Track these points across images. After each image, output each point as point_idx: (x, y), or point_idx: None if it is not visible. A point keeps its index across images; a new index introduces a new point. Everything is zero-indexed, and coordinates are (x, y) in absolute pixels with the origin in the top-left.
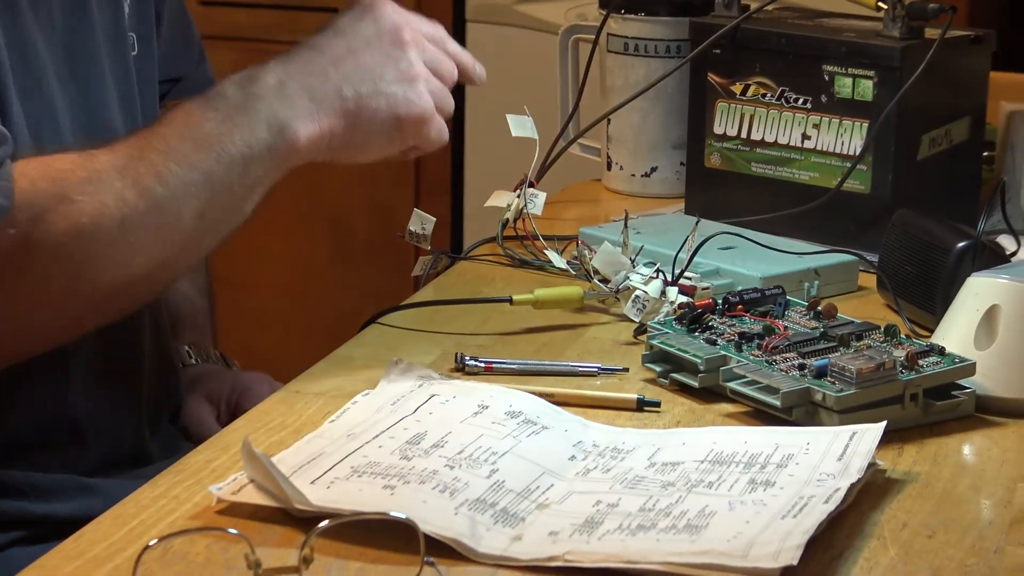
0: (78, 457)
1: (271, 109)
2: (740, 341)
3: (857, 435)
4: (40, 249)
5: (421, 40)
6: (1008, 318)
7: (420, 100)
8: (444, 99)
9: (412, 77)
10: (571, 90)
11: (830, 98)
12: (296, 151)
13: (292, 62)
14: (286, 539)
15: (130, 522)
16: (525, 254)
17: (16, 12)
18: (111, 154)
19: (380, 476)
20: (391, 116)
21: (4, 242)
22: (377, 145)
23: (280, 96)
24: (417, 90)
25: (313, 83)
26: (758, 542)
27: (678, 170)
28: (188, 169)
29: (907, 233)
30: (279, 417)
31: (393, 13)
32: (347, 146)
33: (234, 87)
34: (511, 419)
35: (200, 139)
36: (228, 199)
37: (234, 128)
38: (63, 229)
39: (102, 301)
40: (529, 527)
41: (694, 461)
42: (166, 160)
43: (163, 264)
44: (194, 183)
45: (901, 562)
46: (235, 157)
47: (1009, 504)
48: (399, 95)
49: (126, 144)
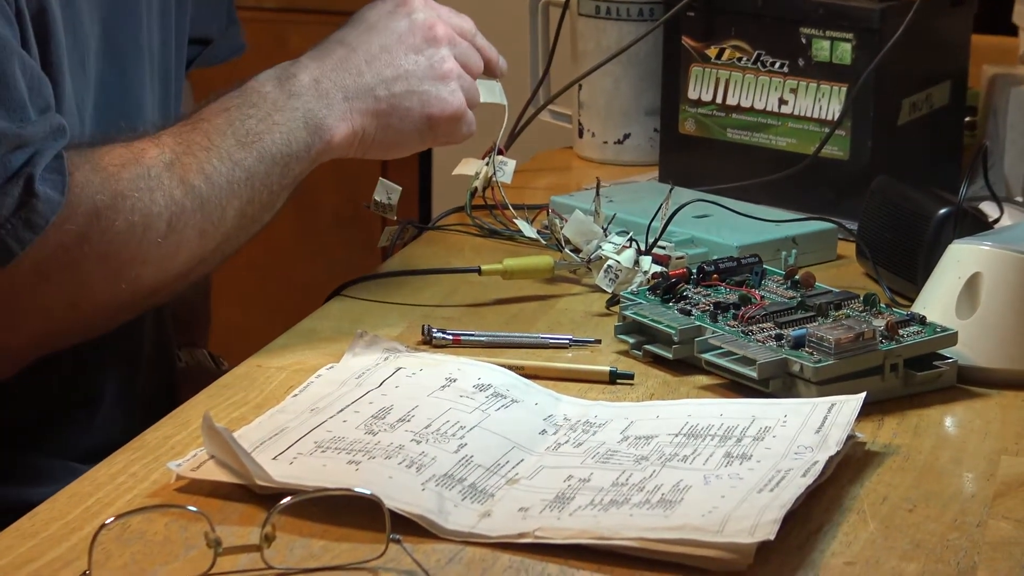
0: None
1: (308, 108)
2: (715, 311)
3: (836, 407)
4: (93, 247)
5: (453, 36)
6: (990, 286)
7: (453, 99)
8: (473, 93)
9: (445, 75)
10: (541, 55)
11: (807, 62)
12: (331, 150)
13: (327, 59)
14: (247, 517)
15: (86, 500)
16: (494, 223)
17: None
18: (159, 147)
19: (345, 451)
20: (424, 115)
21: (61, 238)
22: (409, 142)
23: (317, 95)
24: (450, 88)
25: (347, 82)
26: (734, 517)
27: (652, 137)
28: (231, 167)
29: (887, 200)
30: (240, 392)
31: (426, 7)
32: (379, 144)
33: (272, 84)
34: (480, 392)
35: (242, 137)
36: (267, 197)
37: (274, 127)
38: (119, 228)
39: (141, 299)
40: (498, 503)
41: (668, 434)
42: (210, 156)
43: (202, 262)
44: (237, 181)
45: (881, 536)
46: (276, 156)
47: (992, 477)
48: (432, 94)
49: (171, 137)
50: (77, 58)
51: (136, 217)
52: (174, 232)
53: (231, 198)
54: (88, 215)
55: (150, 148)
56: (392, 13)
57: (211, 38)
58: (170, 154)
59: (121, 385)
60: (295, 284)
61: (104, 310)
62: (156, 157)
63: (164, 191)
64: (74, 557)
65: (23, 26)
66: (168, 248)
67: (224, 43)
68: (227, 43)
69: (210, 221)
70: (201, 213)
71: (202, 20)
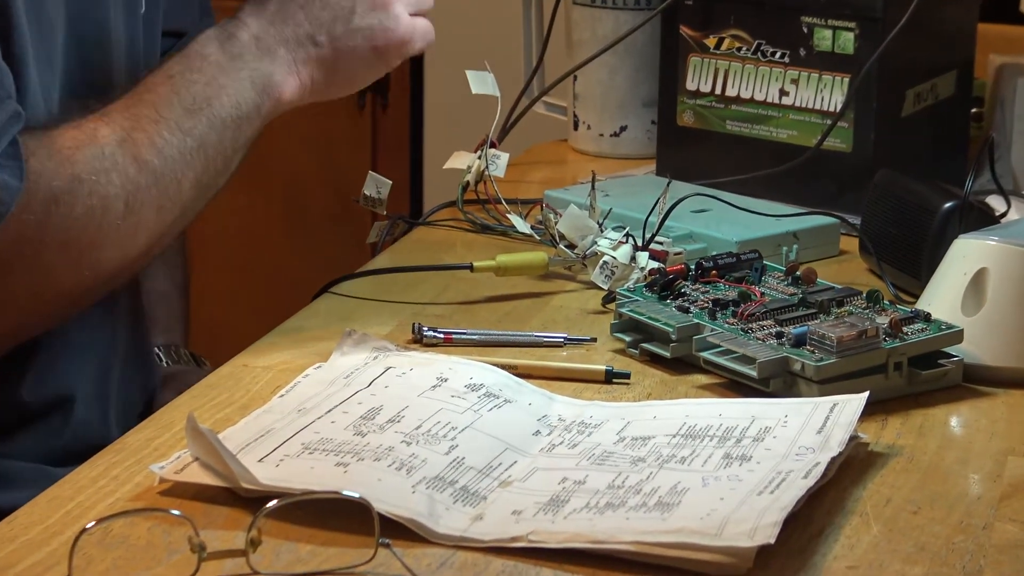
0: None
1: (253, 68)
2: (714, 309)
3: (838, 406)
4: (54, 235)
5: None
6: (997, 282)
7: (398, 25)
8: (421, 3)
9: (383, 3)
10: (535, 44)
11: (809, 51)
12: (281, 105)
13: (263, 13)
14: (232, 520)
15: (67, 504)
16: (487, 219)
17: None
18: (109, 126)
19: (333, 453)
20: (370, 48)
21: (21, 228)
22: (362, 78)
23: (259, 53)
24: (392, 14)
25: (287, 33)
26: (733, 519)
27: (649, 129)
28: (182, 137)
29: (891, 194)
30: (225, 392)
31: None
32: (332, 87)
33: (214, 46)
34: (471, 392)
35: (189, 104)
36: (221, 163)
37: (221, 90)
38: (78, 213)
39: (103, 283)
40: (491, 506)
41: (666, 435)
42: (159, 129)
43: (161, 236)
44: (189, 151)
45: (884, 539)
46: (226, 120)
47: (998, 478)
48: (375, 26)
49: (119, 113)
50: (43, 50)
51: (94, 200)
52: (132, 213)
53: (185, 169)
54: (46, 202)
55: (101, 127)
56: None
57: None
58: (120, 131)
59: (95, 386)
60: (282, 281)
61: (68, 297)
62: (108, 135)
63: (119, 171)
64: (54, 562)
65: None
66: (127, 229)
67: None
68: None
69: (167, 196)
70: (157, 188)
71: (175, 13)
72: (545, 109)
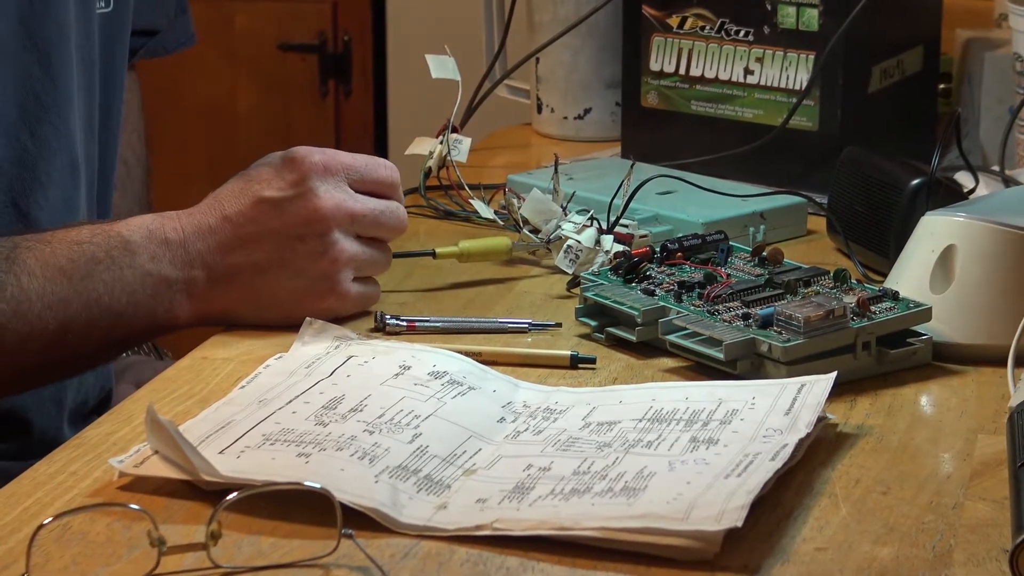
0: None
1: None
2: (680, 291)
3: (806, 387)
4: None
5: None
6: (965, 259)
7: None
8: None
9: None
10: (496, 26)
11: (773, 29)
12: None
13: (209, 238)
14: (193, 514)
15: (24, 500)
16: (450, 204)
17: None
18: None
19: (294, 444)
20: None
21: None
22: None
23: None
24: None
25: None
26: (700, 503)
27: (613, 111)
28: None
29: (857, 171)
30: (185, 385)
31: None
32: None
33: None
34: (435, 380)
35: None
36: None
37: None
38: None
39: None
40: (455, 495)
41: (632, 420)
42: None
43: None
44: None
45: (854, 520)
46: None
47: (969, 456)
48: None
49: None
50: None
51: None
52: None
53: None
54: None
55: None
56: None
57: (157, 29)
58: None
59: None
60: None
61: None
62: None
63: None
64: (11, 560)
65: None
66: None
67: (172, 33)
68: (175, 33)
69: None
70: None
71: (147, 11)
72: (508, 93)
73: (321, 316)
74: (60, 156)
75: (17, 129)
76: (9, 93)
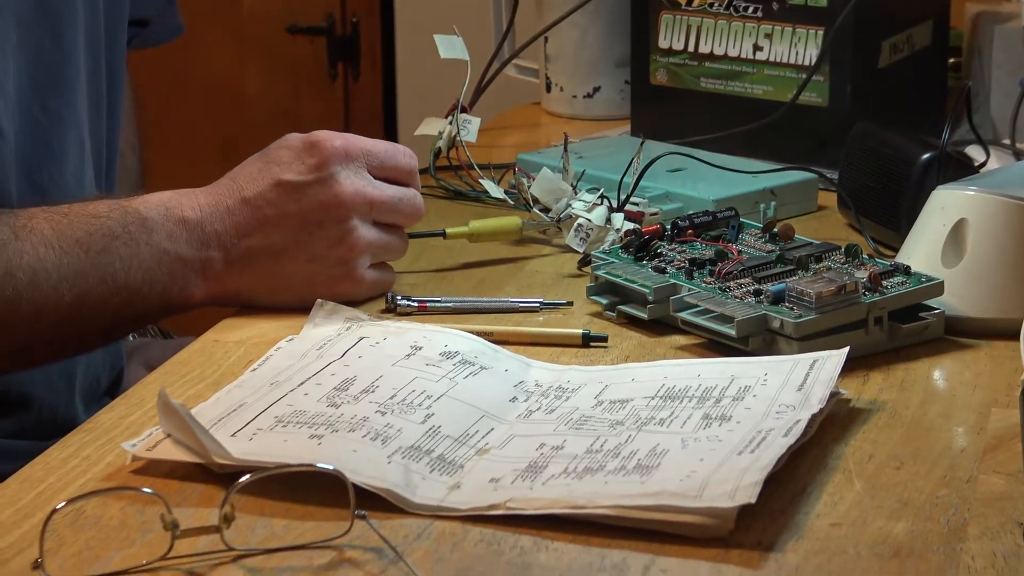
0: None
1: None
2: (691, 268)
3: (818, 363)
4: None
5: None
6: (977, 232)
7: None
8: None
9: (348, 262)
10: (504, 6)
11: (782, 5)
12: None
13: (227, 219)
14: (206, 497)
15: (38, 485)
16: (460, 184)
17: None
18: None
19: (306, 425)
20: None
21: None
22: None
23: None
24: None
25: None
26: (713, 480)
27: (622, 89)
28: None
29: (868, 146)
30: (197, 368)
31: (337, 184)
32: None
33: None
34: (447, 360)
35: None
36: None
37: (132, 259)
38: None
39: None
40: (468, 475)
41: (644, 398)
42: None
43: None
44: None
45: (868, 496)
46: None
47: (982, 431)
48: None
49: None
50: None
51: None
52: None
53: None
54: None
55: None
56: (308, 187)
57: (148, 19)
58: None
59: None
60: None
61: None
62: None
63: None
64: (26, 545)
65: None
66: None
67: (161, 25)
68: (164, 25)
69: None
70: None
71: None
72: (517, 72)
73: (335, 301)
74: (71, 131)
75: (29, 101)
76: (23, 64)
